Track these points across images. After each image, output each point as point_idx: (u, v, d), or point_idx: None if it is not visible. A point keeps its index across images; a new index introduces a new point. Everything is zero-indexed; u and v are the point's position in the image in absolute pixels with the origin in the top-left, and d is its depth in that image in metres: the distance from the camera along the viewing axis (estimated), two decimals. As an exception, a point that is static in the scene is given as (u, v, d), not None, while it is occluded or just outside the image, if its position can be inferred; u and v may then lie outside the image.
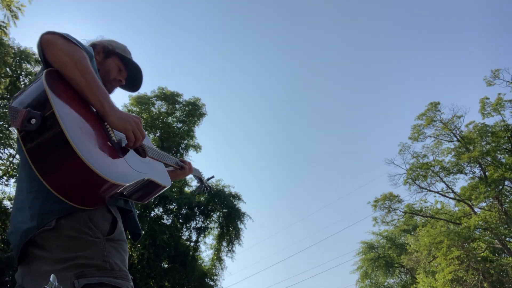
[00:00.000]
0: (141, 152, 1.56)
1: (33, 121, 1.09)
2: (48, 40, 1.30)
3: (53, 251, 1.18)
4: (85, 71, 1.29)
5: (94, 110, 1.32)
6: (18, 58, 9.52)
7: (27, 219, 1.23)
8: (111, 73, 1.76)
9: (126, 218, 1.51)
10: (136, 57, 1.98)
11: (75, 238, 1.19)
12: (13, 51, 8.98)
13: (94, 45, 1.76)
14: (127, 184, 1.26)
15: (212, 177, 2.55)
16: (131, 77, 1.88)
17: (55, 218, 1.20)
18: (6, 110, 14.45)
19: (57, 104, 1.13)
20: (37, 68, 18.36)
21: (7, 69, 8.91)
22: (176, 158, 2.00)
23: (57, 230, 1.19)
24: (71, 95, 1.26)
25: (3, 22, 7.50)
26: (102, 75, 1.73)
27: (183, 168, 2.04)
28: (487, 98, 21.13)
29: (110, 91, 1.79)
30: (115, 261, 1.23)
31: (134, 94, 25.23)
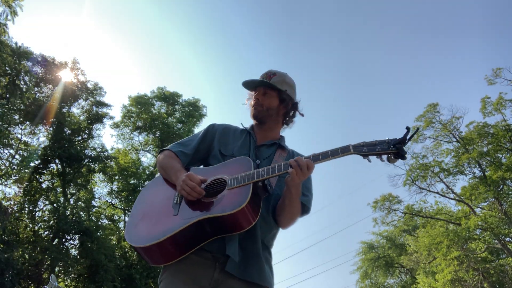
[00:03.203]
0: (219, 190, 1.74)
1: None
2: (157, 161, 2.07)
3: None
4: (164, 167, 1.92)
5: None
6: (16, 56, 9.46)
7: None
8: (250, 111, 2.10)
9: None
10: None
11: None
12: (11, 49, 8.92)
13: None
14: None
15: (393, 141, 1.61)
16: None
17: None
18: (6, 110, 14.45)
19: (135, 204, 1.92)
20: (36, 68, 18.40)
21: (6, 67, 8.86)
22: (285, 163, 1.71)
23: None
24: (157, 189, 1.93)
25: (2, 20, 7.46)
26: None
27: (291, 173, 1.67)
28: (488, 97, 21.02)
29: (255, 115, 2.05)
30: None
31: (134, 95, 25.20)
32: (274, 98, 2.02)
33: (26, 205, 18.42)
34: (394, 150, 1.58)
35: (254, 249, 1.72)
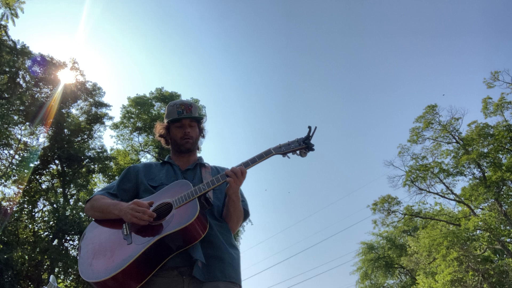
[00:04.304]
0: (165, 212, 1.84)
1: None
2: (85, 210, 2.09)
3: None
4: (100, 208, 1.95)
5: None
6: (15, 54, 9.44)
7: None
8: (176, 138, 2.19)
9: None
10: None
11: None
12: (10, 47, 8.92)
13: (160, 136, 2.30)
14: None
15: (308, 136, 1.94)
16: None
17: None
18: (5, 110, 14.42)
19: (82, 247, 1.87)
20: (35, 68, 18.40)
21: (6, 68, 8.86)
22: (219, 176, 1.92)
23: None
24: (100, 229, 1.92)
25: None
26: (173, 145, 2.24)
27: (229, 181, 1.89)
28: (490, 98, 21.08)
29: (188, 148, 2.19)
30: None
31: (133, 96, 25.22)
32: (196, 128, 2.25)
33: (26, 206, 18.40)
34: (303, 145, 1.93)
35: (215, 255, 1.84)
